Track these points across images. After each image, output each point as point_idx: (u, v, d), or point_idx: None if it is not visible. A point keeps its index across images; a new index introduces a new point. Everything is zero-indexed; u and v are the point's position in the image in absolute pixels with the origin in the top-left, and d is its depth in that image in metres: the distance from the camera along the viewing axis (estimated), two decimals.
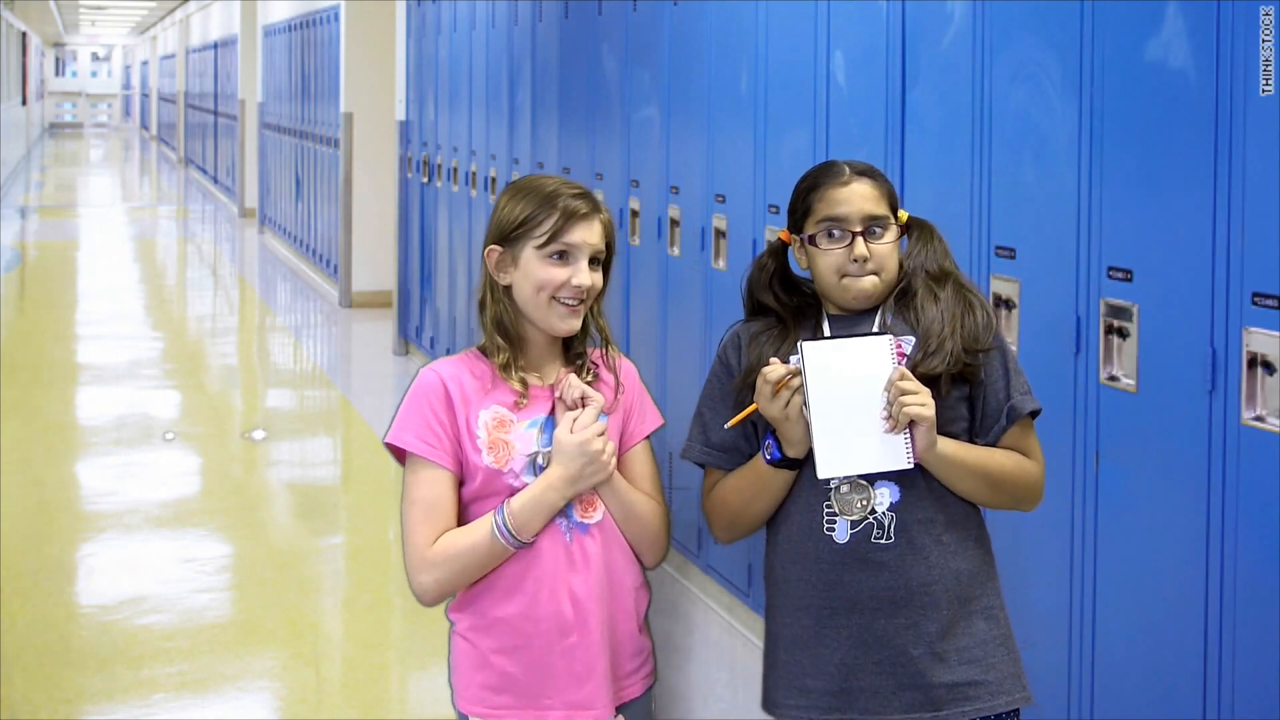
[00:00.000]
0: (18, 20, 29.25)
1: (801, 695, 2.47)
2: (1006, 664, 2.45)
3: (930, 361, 2.42)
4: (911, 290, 2.50)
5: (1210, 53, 2.81)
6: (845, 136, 4.17)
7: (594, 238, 2.50)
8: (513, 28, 7.35)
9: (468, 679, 2.52)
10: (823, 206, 2.50)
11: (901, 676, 2.40)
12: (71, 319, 12.12)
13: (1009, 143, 3.43)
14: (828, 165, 2.55)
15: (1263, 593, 2.71)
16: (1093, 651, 3.16)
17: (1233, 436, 2.76)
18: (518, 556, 2.47)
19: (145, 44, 45.12)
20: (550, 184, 2.55)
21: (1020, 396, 2.47)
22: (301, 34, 14.14)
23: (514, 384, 2.49)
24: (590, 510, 2.51)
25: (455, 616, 2.54)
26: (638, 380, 2.67)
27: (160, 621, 5.21)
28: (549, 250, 2.49)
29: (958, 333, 2.45)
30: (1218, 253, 2.78)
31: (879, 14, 3.96)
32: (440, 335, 8.98)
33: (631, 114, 5.72)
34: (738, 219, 4.82)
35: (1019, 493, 2.50)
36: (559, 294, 2.48)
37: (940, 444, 2.39)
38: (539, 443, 2.48)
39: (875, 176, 2.52)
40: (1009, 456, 2.47)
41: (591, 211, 2.51)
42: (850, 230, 2.47)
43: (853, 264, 2.46)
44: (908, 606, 2.41)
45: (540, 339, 2.54)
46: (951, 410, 2.45)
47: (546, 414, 2.50)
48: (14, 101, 27.32)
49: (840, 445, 2.39)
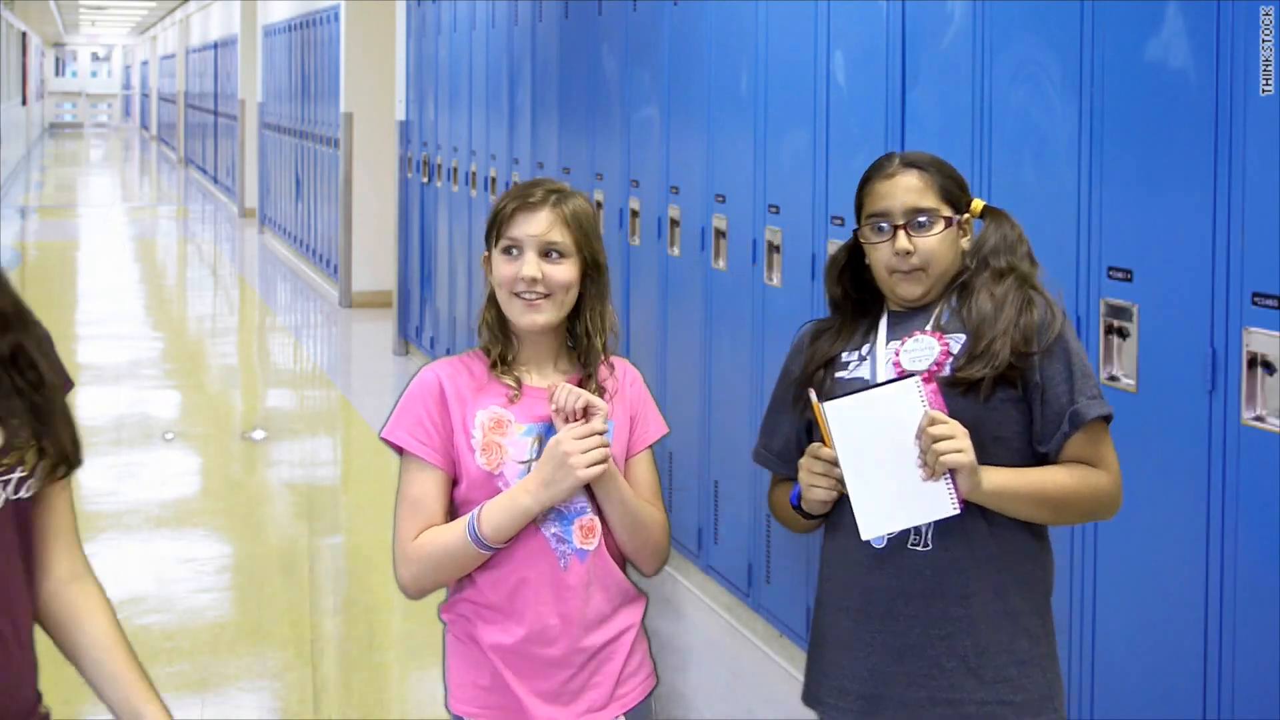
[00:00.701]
0: (18, 20, 29.25)
1: (840, 696, 2.42)
2: (1042, 684, 2.36)
3: (972, 366, 2.32)
4: (972, 285, 2.41)
5: (1210, 53, 2.80)
6: (845, 136, 4.17)
7: (537, 228, 2.46)
8: (513, 28, 7.35)
9: (460, 679, 2.52)
10: (870, 201, 2.45)
11: (933, 690, 2.34)
12: (71, 319, 12.12)
13: (1009, 143, 3.43)
14: (882, 158, 2.49)
15: (1263, 593, 2.71)
16: (1093, 651, 3.16)
17: (1233, 436, 2.76)
18: (507, 574, 2.46)
19: (145, 44, 45.11)
20: (525, 185, 2.55)
21: (1086, 401, 2.33)
22: (301, 34, 14.14)
23: (507, 380, 2.49)
24: (590, 537, 2.49)
25: (447, 618, 2.54)
26: (642, 387, 2.64)
27: (160, 621, 5.21)
28: (500, 246, 2.50)
29: (1009, 333, 2.33)
30: (1218, 253, 2.78)
31: (879, 14, 3.96)
32: (440, 335, 8.98)
33: (631, 114, 5.72)
34: (738, 219, 4.82)
35: (1086, 509, 2.39)
36: (515, 288, 2.48)
37: (988, 479, 2.28)
38: (532, 451, 2.46)
39: (926, 167, 2.44)
40: (1071, 473, 2.34)
41: (538, 203, 2.48)
42: (893, 224, 2.41)
43: (896, 258, 2.40)
44: (942, 618, 2.33)
45: (529, 341, 2.53)
46: (998, 414, 2.34)
47: (546, 422, 2.49)
48: (14, 101, 27.31)
49: (879, 502, 2.30)
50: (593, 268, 2.52)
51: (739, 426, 4.80)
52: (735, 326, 4.87)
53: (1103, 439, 2.38)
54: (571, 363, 2.54)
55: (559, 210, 2.48)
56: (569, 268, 2.48)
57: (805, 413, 2.46)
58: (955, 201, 2.44)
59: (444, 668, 2.56)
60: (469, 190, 8.24)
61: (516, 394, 2.48)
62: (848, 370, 2.44)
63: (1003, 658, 2.34)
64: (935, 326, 2.40)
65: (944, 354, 2.36)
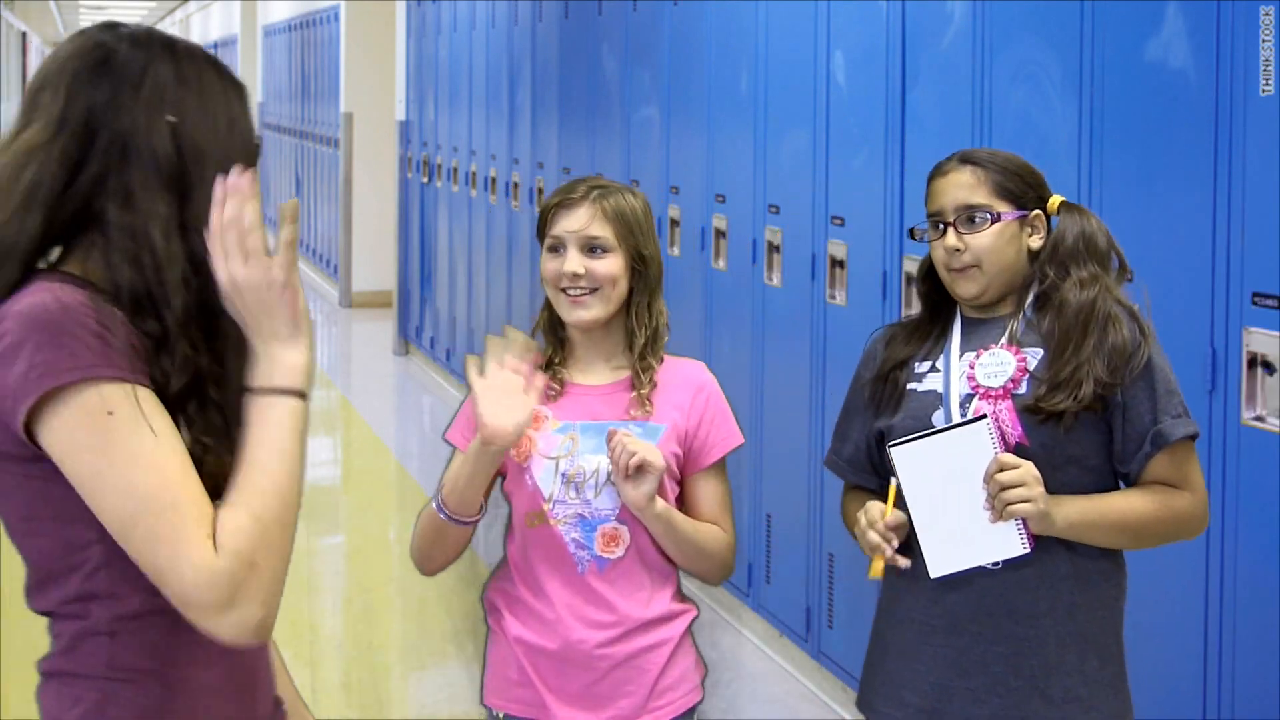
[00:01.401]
0: (18, 20, 29.24)
1: (899, 707, 2.36)
2: (1112, 704, 2.31)
3: (1054, 396, 2.23)
4: (1050, 295, 2.31)
5: (1210, 53, 2.80)
6: (845, 136, 4.17)
7: (577, 224, 2.48)
8: (513, 28, 7.35)
9: (492, 670, 2.53)
10: (929, 200, 2.41)
11: (996, 707, 2.28)
12: None
13: (1009, 143, 3.42)
14: (947, 157, 2.44)
15: (1263, 593, 2.71)
16: None
17: (1233, 436, 2.76)
18: (530, 570, 2.47)
19: None
20: (569, 183, 2.57)
21: (1170, 421, 2.25)
22: (301, 34, 14.14)
23: (550, 382, 2.51)
24: (614, 545, 2.48)
25: (487, 605, 2.57)
26: (714, 395, 2.58)
27: None
28: (546, 244, 2.52)
29: (1092, 360, 2.23)
30: (1218, 253, 2.78)
31: (879, 14, 3.96)
32: (440, 335, 8.98)
33: (631, 114, 5.72)
34: (738, 219, 4.82)
35: (1167, 533, 2.31)
36: (560, 284, 2.49)
37: (1062, 512, 2.21)
38: (563, 448, 2.46)
39: (984, 163, 2.39)
40: (1151, 498, 2.27)
41: (578, 199, 2.50)
42: (945, 221, 2.36)
43: (947, 255, 2.35)
44: (1010, 636, 2.27)
45: (580, 339, 2.54)
46: (1076, 435, 2.25)
47: (585, 420, 2.49)
48: (14, 102, 27.31)
49: (948, 542, 2.26)
50: (639, 262, 2.52)
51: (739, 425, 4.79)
52: (735, 327, 4.87)
53: (1188, 459, 2.29)
54: (626, 360, 2.54)
55: (599, 205, 2.49)
56: (612, 262, 2.48)
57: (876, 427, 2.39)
58: (1017, 198, 2.37)
59: (483, 658, 2.58)
60: (469, 190, 8.24)
61: (557, 393, 2.49)
62: (921, 382, 2.37)
63: (1073, 678, 2.28)
64: (1011, 340, 2.32)
65: (1020, 370, 2.29)
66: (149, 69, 1.69)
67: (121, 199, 1.64)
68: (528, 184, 7.15)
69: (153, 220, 1.64)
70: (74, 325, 1.57)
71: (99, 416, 1.56)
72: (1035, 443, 2.25)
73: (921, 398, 2.35)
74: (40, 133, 1.65)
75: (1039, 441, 2.25)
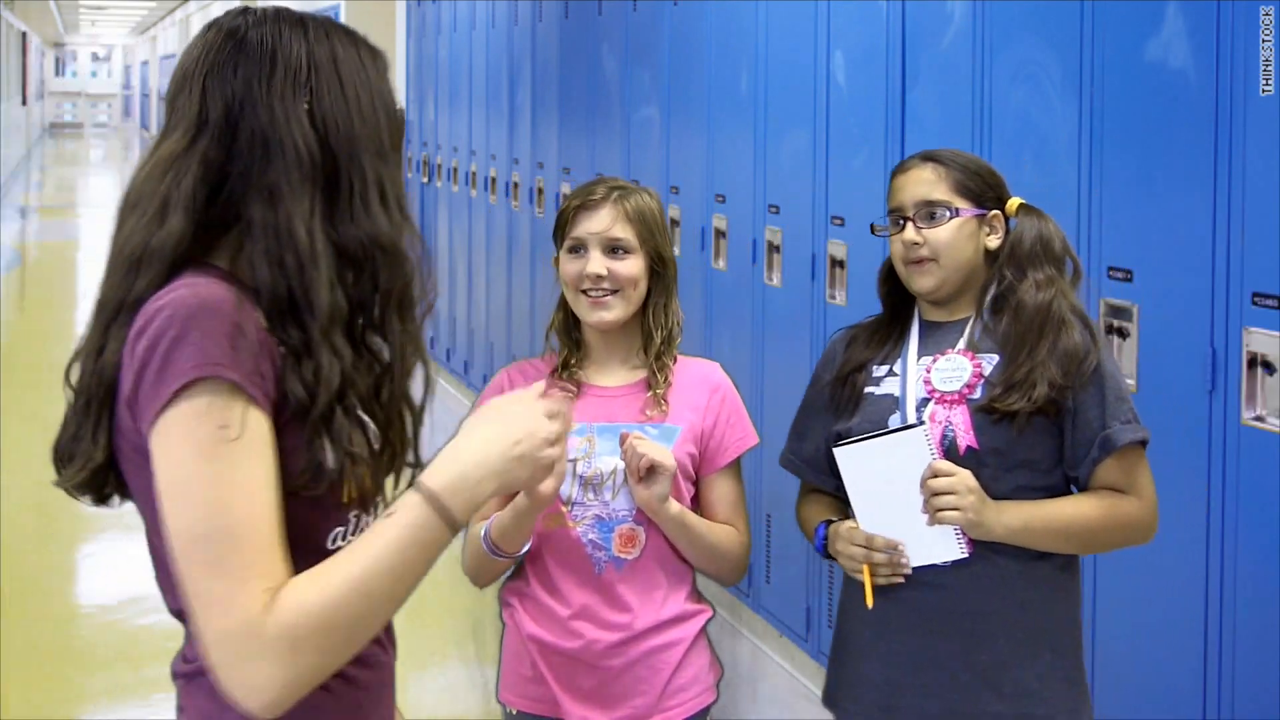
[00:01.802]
0: (18, 20, 29.24)
1: (856, 703, 2.42)
2: (1066, 698, 2.34)
3: (1008, 397, 2.27)
4: (1008, 298, 2.36)
5: (1210, 53, 2.80)
6: (845, 136, 4.17)
7: (599, 225, 2.49)
8: (513, 28, 7.35)
9: (507, 666, 2.54)
10: (890, 196, 2.46)
11: (948, 700, 2.32)
12: (71, 319, 12.11)
13: (1009, 143, 3.42)
14: (908, 156, 2.49)
15: (1263, 593, 2.71)
16: (1093, 651, 3.15)
17: (1233, 436, 2.76)
18: (546, 569, 2.47)
19: (145, 44, 45.10)
20: (587, 184, 2.57)
21: (1119, 426, 2.30)
22: None
23: (566, 384, 2.51)
24: (631, 546, 2.48)
25: (502, 603, 2.57)
26: (730, 396, 2.59)
27: (160, 621, 5.18)
28: (566, 245, 2.53)
29: (1046, 362, 2.28)
30: (1218, 253, 2.78)
31: (879, 14, 3.96)
32: (440, 336, 8.98)
33: (631, 114, 5.72)
34: (738, 219, 4.82)
35: (1115, 539, 2.36)
36: (581, 285, 2.48)
37: (1003, 519, 2.25)
38: (581, 450, 2.47)
39: (945, 161, 2.42)
40: (1097, 504, 2.31)
41: (600, 200, 2.50)
42: (904, 216, 2.40)
43: (905, 248, 2.39)
44: (960, 632, 2.32)
45: (597, 340, 2.54)
46: (1029, 439, 2.30)
47: (602, 422, 2.49)
48: (14, 101, 27.31)
49: None
50: (658, 263, 2.53)
51: None
52: (735, 327, 4.87)
53: (1137, 464, 2.33)
54: (642, 361, 2.55)
55: (620, 206, 2.50)
56: (634, 263, 2.50)
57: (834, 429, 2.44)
58: (976, 196, 2.40)
59: (499, 656, 2.58)
60: (469, 190, 8.24)
61: (574, 394, 2.50)
62: (878, 386, 2.40)
63: (1024, 673, 2.31)
64: (969, 344, 2.36)
65: (976, 375, 2.32)
66: (278, 53, 1.61)
67: (265, 196, 1.57)
68: (528, 184, 7.15)
69: (296, 216, 1.56)
70: (208, 321, 1.49)
71: (210, 426, 1.48)
72: (988, 446, 2.29)
73: (878, 401, 2.39)
74: (179, 140, 1.60)
75: (992, 445, 2.29)
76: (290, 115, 1.60)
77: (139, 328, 1.52)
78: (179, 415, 1.48)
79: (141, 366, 1.50)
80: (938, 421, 2.31)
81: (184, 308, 1.50)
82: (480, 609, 5.40)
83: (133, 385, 1.52)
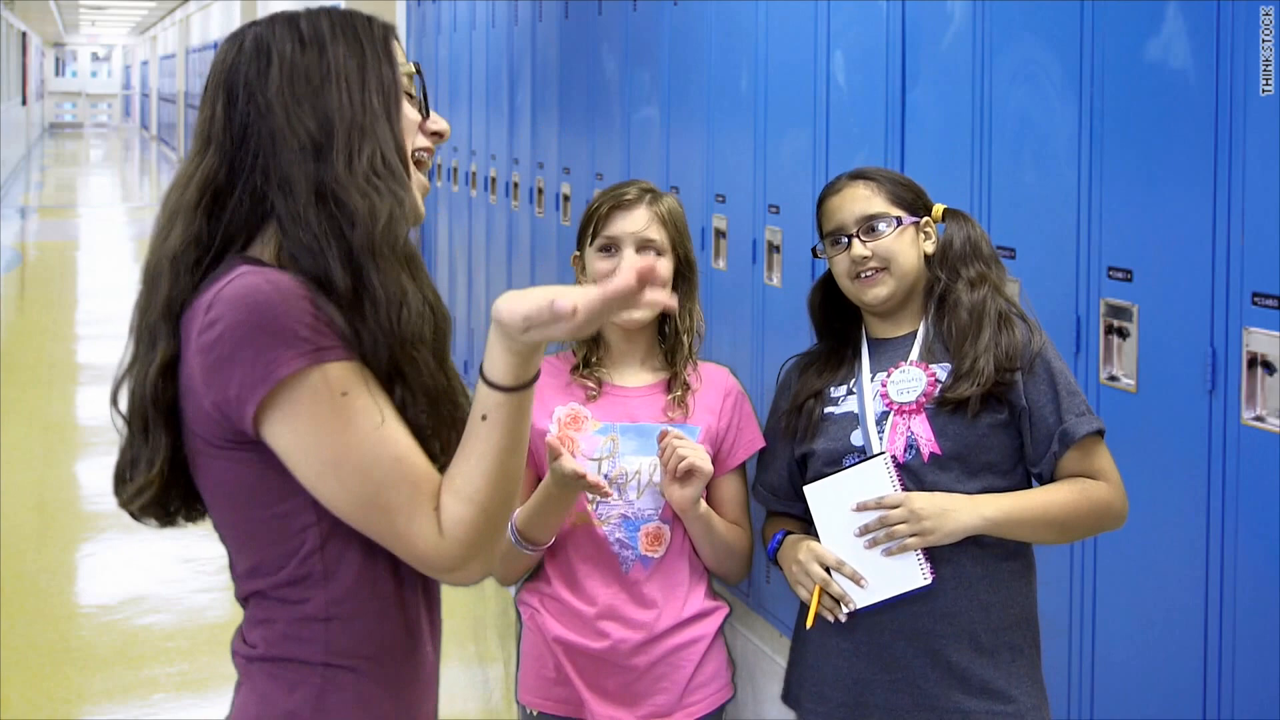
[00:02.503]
0: (18, 20, 29.24)
1: (820, 702, 2.46)
2: (1030, 697, 2.41)
3: (958, 386, 2.36)
4: (947, 301, 2.44)
5: (1210, 53, 2.80)
6: (845, 136, 4.17)
7: (635, 226, 2.50)
8: (513, 28, 7.35)
9: (528, 668, 2.54)
10: (824, 219, 2.53)
11: (917, 696, 2.38)
12: (71, 319, 12.12)
13: (1009, 143, 3.43)
14: (833, 179, 2.56)
15: (1263, 593, 2.71)
16: (1093, 651, 3.15)
17: (1233, 436, 2.76)
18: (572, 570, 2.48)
19: (145, 44, 45.12)
20: (617, 185, 2.57)
21: (1074, 419, 2.39)
22: None
23: (587, 383, 2.51)
24: (657, 545, 2.49)
25: (521, 607, 2.57)
26: (740, 400, 2.62)
27: (160, 621, 5.21)
28: (598, 245, 2.53)
29: (990, 350, 2.37)
30: (1218, 253, 2.78)
31: (879, 14, 3.96)
32: None
33: (631, 114, 5.72)
34: (738, 219, 4.82)
35: (1092, 523, 2.43)
36: None
37: (984, 508, 2.32)
38: (604, 449, 2.47)
39: (874, 176, 2.50)
40: (1071, 489, 2.38)
41: (634, 201, 2.51)
42: (848, 234, 2.46)
43: (854, 264, 2.45)
44: (927, 634, 2.37)
45: (619, 339, 2.54)
46: (989, 439, 2.38)
47: (624, 422, 2.49)
48: (14, 101, 27.31)
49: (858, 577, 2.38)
50: (685, 266, 2.54)
51: None
52: (735, 327, 4.87)
53: (1096, 453, 2.41)
54: (662, 362, 2.55)
55: (655, 208, 2.52)
56: (665, 264, 2.52)
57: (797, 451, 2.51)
58: (910, 206, 2.48)
59: (517, 657, 2.58)
60: (469, 190, 8.24)
61: (596, 393, 2.50)
62: (838, 406, 2.47)
63: (989, 672, 2.38)
64: (921, 355, 2.42)
65: (931, 385, 2.40)
66: (273, 51, 1.70)
67: (282, 187, 1.65)
68: (528, 184, 7.15)
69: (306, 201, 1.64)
70: (291, 306, 1.57)
71: (333, 399, 1.57)
72: (951, 452, 2.36)
73: (839, 420, 2.46)
74: (199, 151, 1.70)
75: (954, 450, 2.36)
76: (290, 110, 1.67)
77: (206, 322, 1.59)
78: (299, 405, 1.57)
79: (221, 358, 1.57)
80: (899, 432, 2.36)
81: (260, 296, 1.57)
82: (482, 609, 5.40)
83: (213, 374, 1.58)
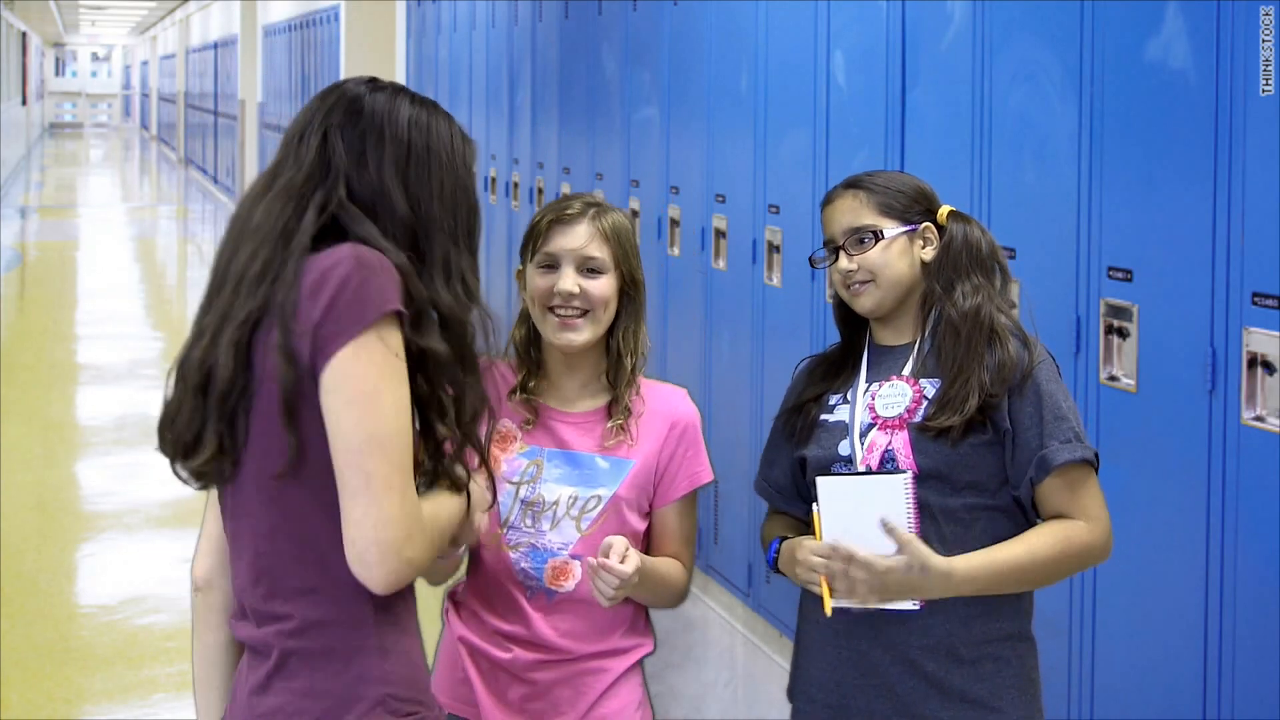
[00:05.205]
0: (18, 20, 29.24)
1: (808, 702, 2.48)
2: (1017, 707, 2.37)
3: (941, 414, 2.32)
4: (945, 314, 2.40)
5: (1210, 53, 2.80)
6: (845, 136, 4.17)
7: (575, 242, 2.36)
8: (513, 28, 7.36)
9: (439, 662, 2.49)
10: (823, 229, 2.52)
11: (895, 703, 2.36)
12: (71, 319, 12.12)
13: (1009, 143, 3.43)
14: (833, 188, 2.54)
15: (1263, 593, 2.71)
16: (1093, 651, 3.16)
17: (1233, 436, 2.76)
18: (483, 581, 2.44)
19: (145, 44, 45.11)
20: (562, 199, 2.50)
21: (1056, 446, 2.29)
22: (301, 34, 14.15)
23: (523, 410, 2.43)
24: (563, 579, 2.42)
25: (446, 607, 2.53)
26: (691, 430, 2.48)
27: (160, 621, 5.21)
28: (537, 261, 2.42)
29: (978, 374, 2.32)
30: (1218, 253, 2.78)
31: (879, 14, 3.96)
32: None
33: (631, 114, 5.72)
34: (738, 219, 4.83)
35: (1071, 567, 2.37)
36: (550, 303, 2.39)
37: (957, 579, 2.27)
38: (525, 474, 2.41)
39: (865, 185, 2.47)
40: (1049, 539, 2.31)
41: (576, 216, 2.39)
42: (835, 246, 2.46)
43: (841, 276, 2.45)
44: (903, 645, 2.35)
45: (558, 362, 2.44)
46: (971, 459, 2.33)
47: (553, 448, 2.43)
48: (14, 101, 27.31)
49: None
50: (630, 285, 2.44)
51: (739, 426, 4.80)
52: (735, 326, 4.87)
53: (1084, 485, 2.34)
54: (603, 386, 2.46)
55: (597, 224, 2.39)
56: (607, 283, 2.39)
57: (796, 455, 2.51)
58: (902, 213, 2.45)
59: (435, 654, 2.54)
60: None
61: (530, 423, 2.42)
62: (832, 413, 2.47)
63: (969, 681, 2.36)
64: (914, 371, 2.41)
65: (916, 401, 2.38)
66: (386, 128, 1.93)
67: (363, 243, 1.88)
68: (528, 184, 7.16)
69: None
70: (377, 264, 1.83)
71: (391, 352, 1.82)
72: (930, 468, 2.34)
73: (831, 428, 2.45)
74: (297, 178, 1.93)
75: (934, 467, 2.34)
76: (390, 184, 1.91)
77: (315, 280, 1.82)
78: (368, 342, 1.80)
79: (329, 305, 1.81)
80: (877, 447, 2.36)
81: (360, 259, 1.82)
82: None
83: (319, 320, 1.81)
